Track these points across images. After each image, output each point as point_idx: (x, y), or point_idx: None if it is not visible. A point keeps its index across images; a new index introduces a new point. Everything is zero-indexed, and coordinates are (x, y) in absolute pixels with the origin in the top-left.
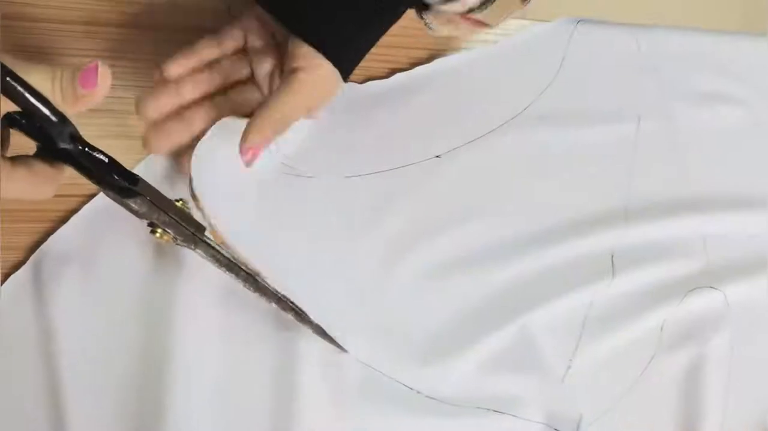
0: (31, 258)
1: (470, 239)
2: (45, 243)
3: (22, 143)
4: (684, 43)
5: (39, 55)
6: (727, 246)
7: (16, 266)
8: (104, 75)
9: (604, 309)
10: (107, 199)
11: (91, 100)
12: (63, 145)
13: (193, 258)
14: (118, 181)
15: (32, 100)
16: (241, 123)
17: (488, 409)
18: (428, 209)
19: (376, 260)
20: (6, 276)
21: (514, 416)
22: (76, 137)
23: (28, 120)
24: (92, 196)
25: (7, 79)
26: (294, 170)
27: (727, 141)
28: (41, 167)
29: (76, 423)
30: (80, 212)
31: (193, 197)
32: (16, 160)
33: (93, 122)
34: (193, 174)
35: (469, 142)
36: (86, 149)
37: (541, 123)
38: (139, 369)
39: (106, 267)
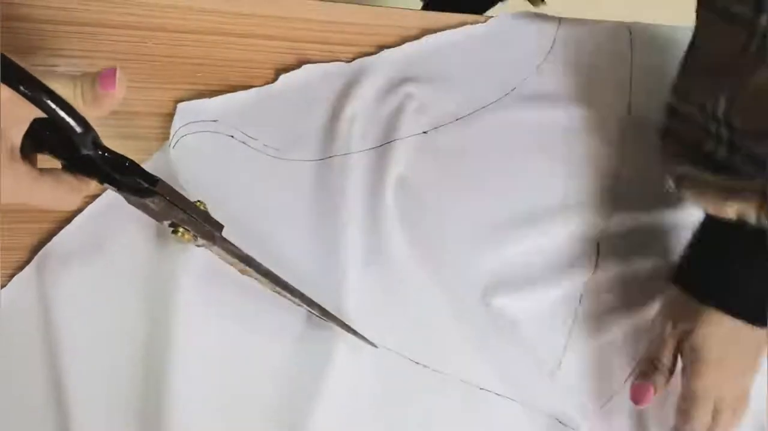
0: (35, 258)
1: (456, 219)
2: (49, 243)
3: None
4: (677, 36)
5: (40, 56)
6: None
7: (21, 266)
8: (122, 78)
9: (592, 303)
10: (111, 198)
11: (110, 101)
12: (85, 151)
13: (199, 257)
14: (138, 182)
15: (56, 108)
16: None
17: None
18: (412, 186)
19: (360, 242)
20: (10, 276)
21: (511, 399)
22: (97, 143)
23: (52, 132)
24: (96, 196)
25: (35, 88)
26: (282, 154)
27: None
28: (67, 178)
29: (79, 422)
30: (84, 212)
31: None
32: (43, 171)
33: (98, 123)
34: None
35: (457, 119)
36: (107, 153)
37: (530, 103)
38: (143, 368)
39: (110, 267)
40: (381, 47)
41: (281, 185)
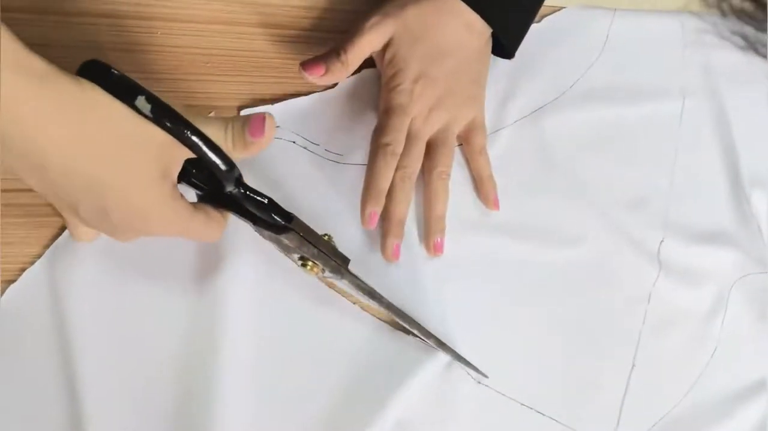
0: (46, 252)
1: (517, 219)
2: (61, 236)
3: None
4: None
5: (50, 48)
6: None
7: (31, 261)
8: (270, 125)
9: (660, 303)
10: None
11: (258, 147)
12: (229, 189)
13: (210, 250)
14: (275, 220)
15: (208, 152)
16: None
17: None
18: (472, 192)
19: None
20: (21, 271)
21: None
22: (240, 182)
23: (198, 169)
24: None
25: (190, 134)
26: (343, 158)
27: None
28: (213, 213)
29: (91, 416)
30: None
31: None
32: (195, 206)
33: None
34: None
35: (515, 122)
36: (248, 192)
37: (587, 100)
38: (154, 362)
39: (121, 260)
40: None
41: (343, 189)
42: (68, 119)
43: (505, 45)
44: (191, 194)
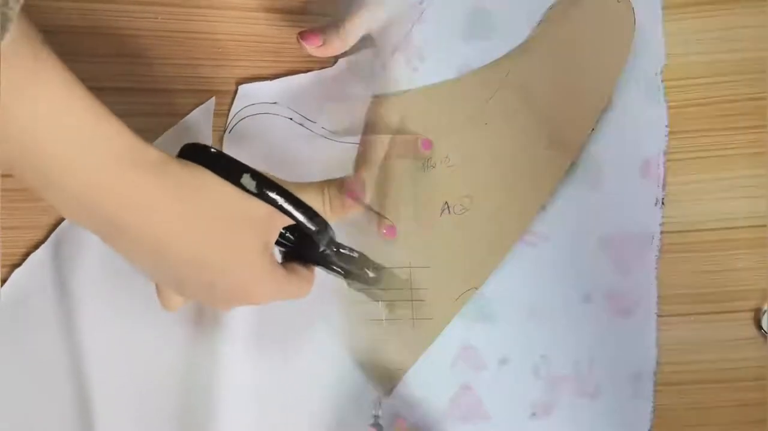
0: (51, 237)
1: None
2: (65, 221)
3: None
4: None
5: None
6: None
7: (36, 245)
8: (370, 185)
9: None
10: None
11: (357, 208)
12: (323, 248)
13: None
14: (366, 273)
15: (306, 219)
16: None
17: None
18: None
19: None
20: (25, 255)
21: None
22: (332, 241)
23: (289, 230)
24: None
25: (292, 206)
26: (338, 136)
27: None
28: (303, 271)
29: (97, 400)
30: None
31: None
32: (286, 268)
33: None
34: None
35: None
36: (340, 249)
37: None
38: (158, 343)
39: None
40: None
41: (337, 167)
42: (182, 204)
43: None
44: (275, 251)
